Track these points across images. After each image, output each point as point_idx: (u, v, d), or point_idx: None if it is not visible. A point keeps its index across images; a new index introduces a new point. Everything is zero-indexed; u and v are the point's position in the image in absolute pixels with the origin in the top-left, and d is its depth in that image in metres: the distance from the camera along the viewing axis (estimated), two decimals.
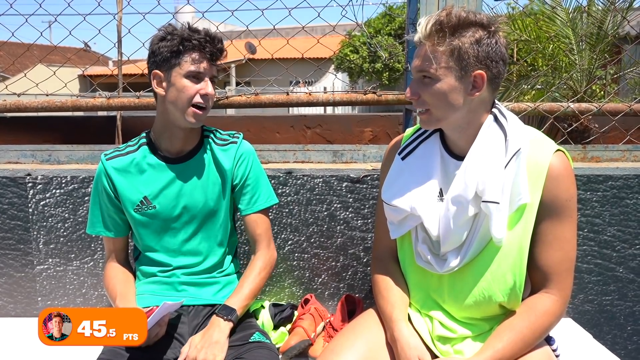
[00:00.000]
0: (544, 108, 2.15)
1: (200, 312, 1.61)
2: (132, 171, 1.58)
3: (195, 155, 1.60)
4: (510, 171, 1.27)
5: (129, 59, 2.59)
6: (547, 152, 1.29)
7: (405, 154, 1.44)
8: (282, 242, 2.00)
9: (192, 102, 1.48)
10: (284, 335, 1.77)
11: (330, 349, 1.41)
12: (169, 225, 1.60)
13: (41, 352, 1.67)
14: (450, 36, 1.23)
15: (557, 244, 1.30)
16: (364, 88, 2.19)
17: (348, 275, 2.03)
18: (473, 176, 1.29)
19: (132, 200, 1.58)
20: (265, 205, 1.66)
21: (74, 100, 2.16)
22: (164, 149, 1.59)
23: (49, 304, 2.06)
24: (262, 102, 2.11)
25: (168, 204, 1.58)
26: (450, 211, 1.32)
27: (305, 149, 2.10)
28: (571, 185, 1.31)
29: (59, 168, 2.05)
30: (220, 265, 1.67)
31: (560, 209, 1.29)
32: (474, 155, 1.30)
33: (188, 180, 1.58)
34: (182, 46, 1.46)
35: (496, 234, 1.27)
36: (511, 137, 1.29)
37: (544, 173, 1.28)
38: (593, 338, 1.82)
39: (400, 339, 1.35)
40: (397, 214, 1.42)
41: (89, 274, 2.04)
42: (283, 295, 2.05)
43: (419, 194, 1.37)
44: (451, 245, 1.34)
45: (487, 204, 1.27)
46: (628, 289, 2.00)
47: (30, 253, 2.03)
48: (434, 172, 1.38)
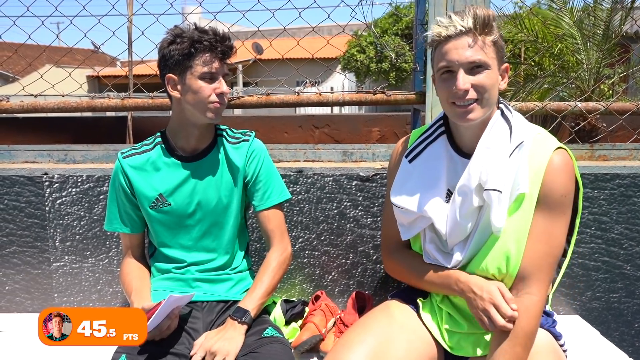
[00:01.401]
0: (551, 107, 2.17)
1: (214, 308, 1.64)
2: (148, 169, 1.63)
3: (209, 154, 1.64)
4: (513, 160, 1.31)
5: (142, 60, 2.63)
6: (549, 148, 1.33)
7: (412, 157, 1.47)
8: (293, 240, 2.04)
9: (209, 101, 1.52)
10: (295, 331, 1.81)
11: (341, 343, 1.43)
12: (183, 222, 1.64)
13: (56, 347, 1.70)
14: (495, 28, 1.30)
15: (544, 238, 1.32)
16: (372, 88, 2.21)
17: (358, 273, 2.06)
18: (478, 166, 1.32)
19: (148, 197, 1.62)
20: (277, 200, 1.69)
21: (89, 101, 2.20)
22: (179, 147, 1.63)
23: (64, 300, 2.11)
24: (273, 102, 2.14)
25: (182, 201, 1.62)
26: (457, 203, 1.35)
27: (315, 148, 2.13)
28: (569, 181, 1.33)
29: (74, 167, 2.10)
30: (232, 261, 1.71)
31: (554, 204, 1.31)
32: (482, 147, 1.34)
33: (202, 178, 1.62)
34: (193, 48, 1.49)
35: (496, 222, 1.29)
36: (515, 130, 1.34)
37: (544, 167, 1.31)
38: (601, 335, 1.84)
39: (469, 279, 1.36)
40: (407, 216, 1.45)
41: (104, 271, 2.08)
42: (294, 291, 2.09)
43: (428, 196, 1.40)
44: (457, 237, 1.37)
45: (490, 192, 1.29)
46: (635, 286, 2.01)
47: (47, 250, 2.08)
48: (442, 173, 1.41)
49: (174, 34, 1.52)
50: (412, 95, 2.16)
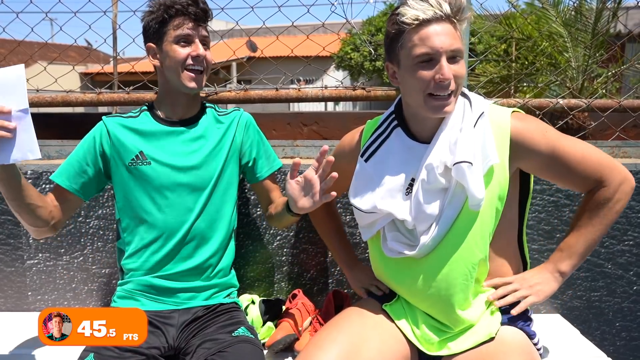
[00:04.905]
0: (533, 104, 2.15)
1: (191, 309, 1.59)
2: (131, 129, 1.61)
3: (197, 121, 1.63)
4: (479, 130, 1.29)
5: (138, 61, 2.59)
6: (506, 113, 1.33)
7: (367, 156, 1.43)
8: (271, 237, 2.01)
9: (185, 65, 1.53)
10: (270, 330, 1.78)
11: (313, 343, 1.41)
12: (163, 185, 1.56)
13: (32, 346, 1.69)
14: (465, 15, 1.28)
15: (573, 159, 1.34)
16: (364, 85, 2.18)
17: (337, 271, 2.03)
18: (442, 145, 1.30)
19: (128, 153, 1.58)
20: (277, 166, 1.73)
21: (64, 96, 2.16)
22: (166, 116, 1.62)
23: (39, 299, 2.07)
24: (251, 97, 2.11)
25: (164, 163, 1.57)
26: (422, 183, 1.31)
27: (294, 144, 2.10)
28: (538, 124, 1.34)
29: (49, 163, 2.06)
30: (221, 251, 1.63)
31: (549, 145, 1.32)
32: (446, 126, 1.32)
33: (188, 143, 1.60)
34: (166, 14, 1.52)
35: (477, 193, 1.24)
36: (474, 102, 1.34)
37: (508, 134, 1.30)
38: (581, 334, 1.82)
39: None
40: (368, 217, 1.42)
41: (79, 269, 2.05)
42: (272, 290, 2.05)
43: (388, 193, 1.37)
44: (424, 222, 1.33)
45: (460, 165, 1.25)
46: (616, 285, 2.00)
47: (20, 248, 2.04)
48: (401, 168, 1.37)
49: (152, 5, 1.56)
50: (393, 91, 2.13)
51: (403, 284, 1.44)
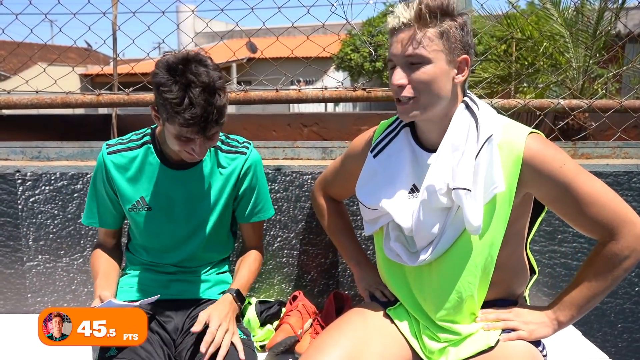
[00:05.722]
0: (534, 105, 2.14)
1: (188, 308, 1.61)
2: (132, 169, 1.56)
3: (199, 163, 1.56)
4: (482, 159, 1.25)
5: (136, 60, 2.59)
6: (522, 135, 1.27)
7: (376, 152, 1.43)
8: (271, 238, 2.00)
9: (183, 152, 1.43)
10: (270, 333, 1.77)
11: (315, 346, 1.40)
12: (162, 227, 1.59)
13: (31, 348, 1.67)
14: (441, 17, 1.23)
15: (588, 199, 1.25)
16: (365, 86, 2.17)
17: (337, 272, 2.03)
18: (444, 165, 1.28)
19: (129, 199, 1.57)
20: (264, 217, 1.69)
21: (64, 97, 2.16)
22: (167, 153, 1.55)
23: (38, 300, 2.06)
24: (251, 98, 2.11)
25: (164, 207, 1.57)
26: (423, 203, 1.31)
27: (294, 145, 2.10)
28: (557, 152, 1.26)
29: (48, 165, 2.05)
30: (213, 267, 1.69)
31: (564, 176, 1.24)
32: (447, 144, 1.29)
33: (188, 186, 1.56)
34: (174, 112, 1.31)
35: (472, 221, 1.23)
36: (482, 124, 1.27)
37: (520, 156, 1.25)
38: (583, 336, 1.81)
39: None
40: (372, 212, 1.42)
41: (79, 271, 2.04)
42: (272, 292, 2.05)
43: (391, 192, 1.36)
44: (424, 239, 1.33)
45: (458, 191, 1.24)
46: (618, 286, 1.97)
47: (19, 249, 2.04)
48: (406, 169, 1.36)
49: (167, 71, 1.32)
50: None
51: (401, 291, 1.46)
